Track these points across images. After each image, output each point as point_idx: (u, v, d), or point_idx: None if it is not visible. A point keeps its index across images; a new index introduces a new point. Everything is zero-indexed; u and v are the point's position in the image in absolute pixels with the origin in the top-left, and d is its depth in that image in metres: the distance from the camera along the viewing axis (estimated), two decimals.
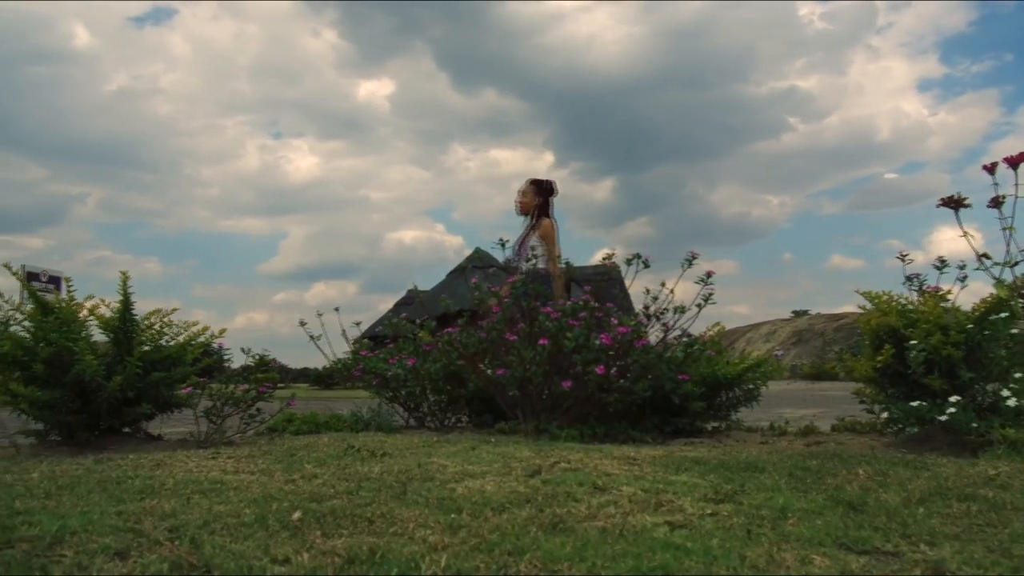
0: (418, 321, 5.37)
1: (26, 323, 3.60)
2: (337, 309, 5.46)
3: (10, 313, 3.61)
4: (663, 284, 4.52)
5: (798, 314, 43.76)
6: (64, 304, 3.58)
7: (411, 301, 23.98)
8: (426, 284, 26.11)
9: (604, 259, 4.84)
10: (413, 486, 2.26)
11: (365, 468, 2.62)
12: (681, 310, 4.46)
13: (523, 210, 5.57)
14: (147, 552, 1.47)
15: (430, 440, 3.65)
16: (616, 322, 4.25)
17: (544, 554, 1.47)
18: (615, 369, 4.13)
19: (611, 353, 4.14)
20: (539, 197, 5.51)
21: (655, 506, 1.97)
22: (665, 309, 4.49)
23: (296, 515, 1.79)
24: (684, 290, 4.52)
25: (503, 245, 4.92)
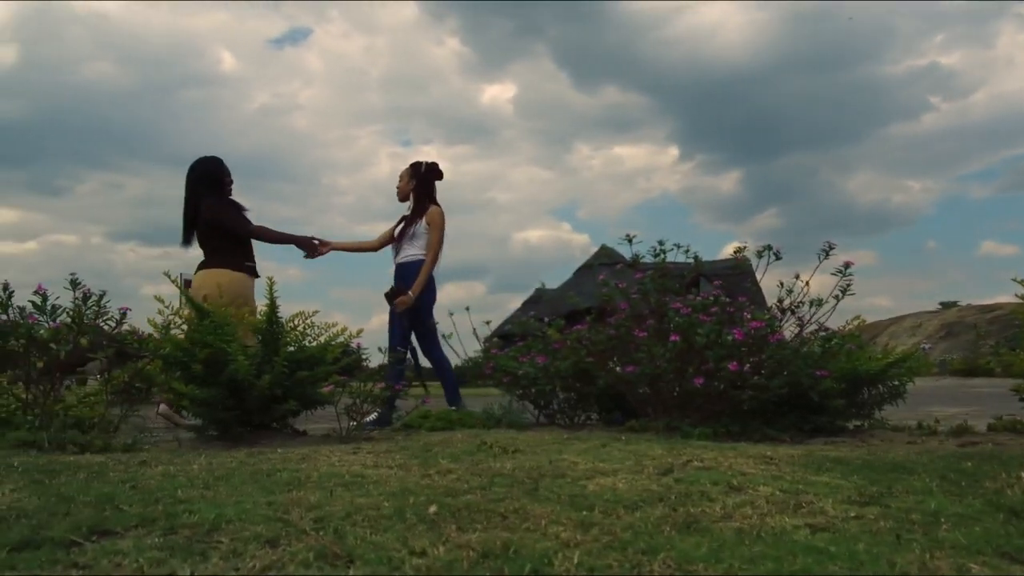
0: (546, 319, 5.41)
1: (185, 327, 3.88)
2: (468, 309, 5.56)
3: (171, 318, 3.90)
4: (797, 277, 4.35)
5: (946, 305, 40.91)
6: (218, 308, 3.83)
7: (539, 299, 24.15)
8: (553, 283, 26.22)
9: (735, 252, 4.71)
10: (545, 483, 2.28)
11: (498, 464, 2.67)
12: (818, 303, 4.28)
13: (401, 196, 5.38)
14: (295, 541, 1.56)
15: (560, 437, 3.67)
16: (749, 317, 4.12)
17: (679, 554, 1.45)
18: (749, 365, 4.01)
19: (744, 349, 4.02)
20: (415, 180, 5.28)
21: (795, 507, 1.90)
22: (800, 303, 4.32)
23: (432, 509, 1.85)
24: (820, 283, 4.34)
25: (630, 241, 4.87)
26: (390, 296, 5.10)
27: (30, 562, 1.38)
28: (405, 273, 5.20)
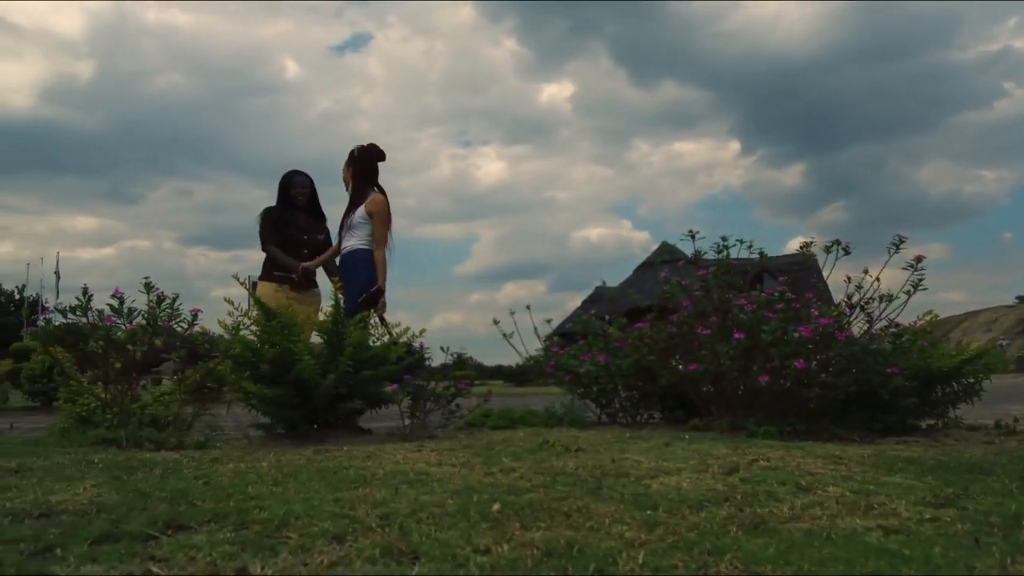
0: (607, 317, 5.38)
1: (253, 328, 3.98)
2: (529, 307, 5.54)
3: (240, 319, 4.01)
4: (866, 272, 4.23)
5: None
6: (284, 309, 3.92)
7: (599, 298, 24.05)
8: (613, 280, 26.08)
9: (802, 247, 4.62)
10: (607, 481, 2.27)
11: (560, 463, 2.66)
12: (888, 299, 4.16)
13: (347, 186, 5.05)
14: (361, 537, 1.58)
15: (623, 436, 3.64)
16: (816, 313, 4.03)
17: (746, 555, 1.42)
18: (816, 363, 3.92)
19: (811, 346, 3.93)
20: (353, 167, 4.96)
21: (865, 509, 1.85)
22: (870, 298, 4.21)
23: (496, 507, 1.86)
24: (889, 277, 4.21)
25: (693, 237, 4.80)
26: (371, 301, 4.63)
27: (110, 555, 1.44)
28: (345, 265, 4.84)
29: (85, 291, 3.70)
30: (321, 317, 4.19)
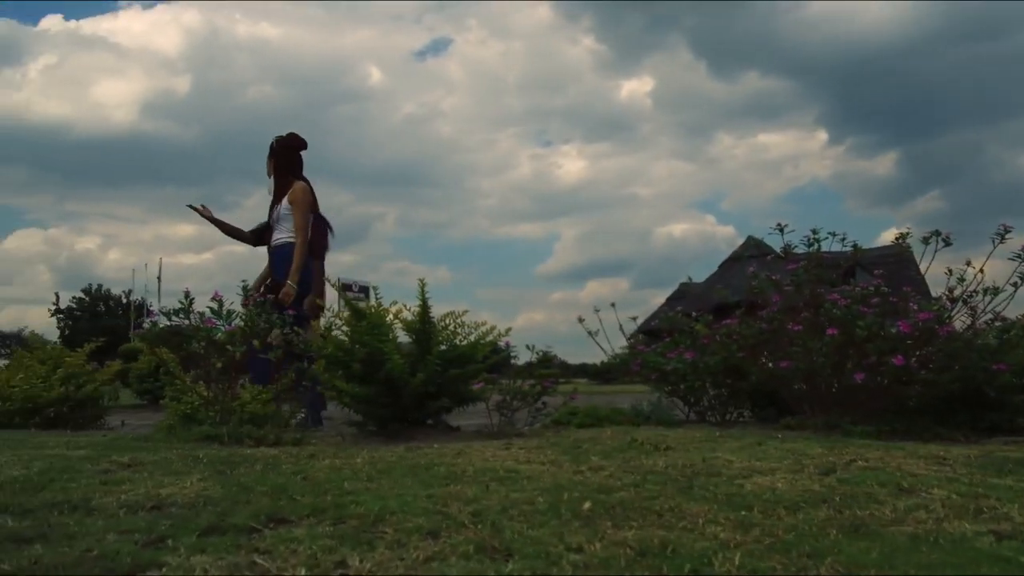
0: (694, 314, 5.30)
1: (344, 328, 4.09)
2: (613, 305, 5.49)
3: (332, 320, 4.13)
4: (968, 263, 4.04)
5: None
6: (373, 310, 4.02)
7: (684, 294, 23.69)
8: (698, 277, 25.62)
9: (897, 238, 4.44)
10: (699, 481, 2.24)
11: (649, 461, 2.64)
12: (993, 292, 3.96)
13: (269, 175, 4.95)
14: (455, 533, 1.61)
15: (712, 434, 3.59)
16: (916, 308, 3.87)
17: (847, 558, 1.38)
18: (916, 359, 3.77)
19: (910, 342, 3.78)
20: (273, 159, 4.87)
21: (974, 512, 1.77)
22: (973, 291, 4.01)
23: (586, 505, 1.86)
24: (993, 269, 4.01)
25: (782, 231, 4.68)
26: (271, 291, 4.64)
27: (217, 546, 1.51)
28: (275, 259, 4.86)
29: (187, 295, 3.88)
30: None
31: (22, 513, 1.79)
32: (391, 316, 4.05)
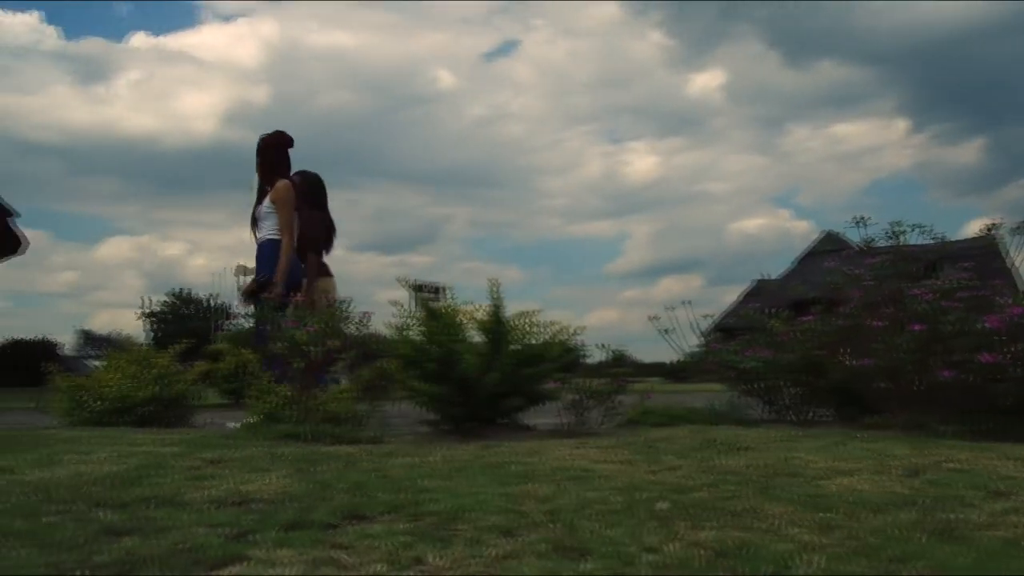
0: (770, 311, 5.18)
1: (418, 328, 4.14)
2: (689, 303, 5.40)
3: (406, 320, 4.19)
4: None
5: None
6: (447, 310, 4.06)
7: (759, 291, 23.16)
8: (774, 273, 24.97)
9: (986, 229, 4.26)
10: (778, 481, 2.19)
11: (726, 461, 2.60)
12: None
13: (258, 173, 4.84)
14: (530, 532, 1.62)
15: (791, 434, 3.50)
16: (1010, 302, 3.70)
17: (935, 563, 1.33)
18: (1007, 356, 3.60)
19: (1002, 338, 3.61)
20: (261, 156, 4.76)
21: None
22: None
23: (661, 505, 1.84)
24: None
25: (862, 224, 4.53)
26: (259, 289, 4.63)
27: (299, 541, 1.55)
28: (259, 256, 4.82)
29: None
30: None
31: (117, 507, 1.87)
32: (464, 316, 4.08)
